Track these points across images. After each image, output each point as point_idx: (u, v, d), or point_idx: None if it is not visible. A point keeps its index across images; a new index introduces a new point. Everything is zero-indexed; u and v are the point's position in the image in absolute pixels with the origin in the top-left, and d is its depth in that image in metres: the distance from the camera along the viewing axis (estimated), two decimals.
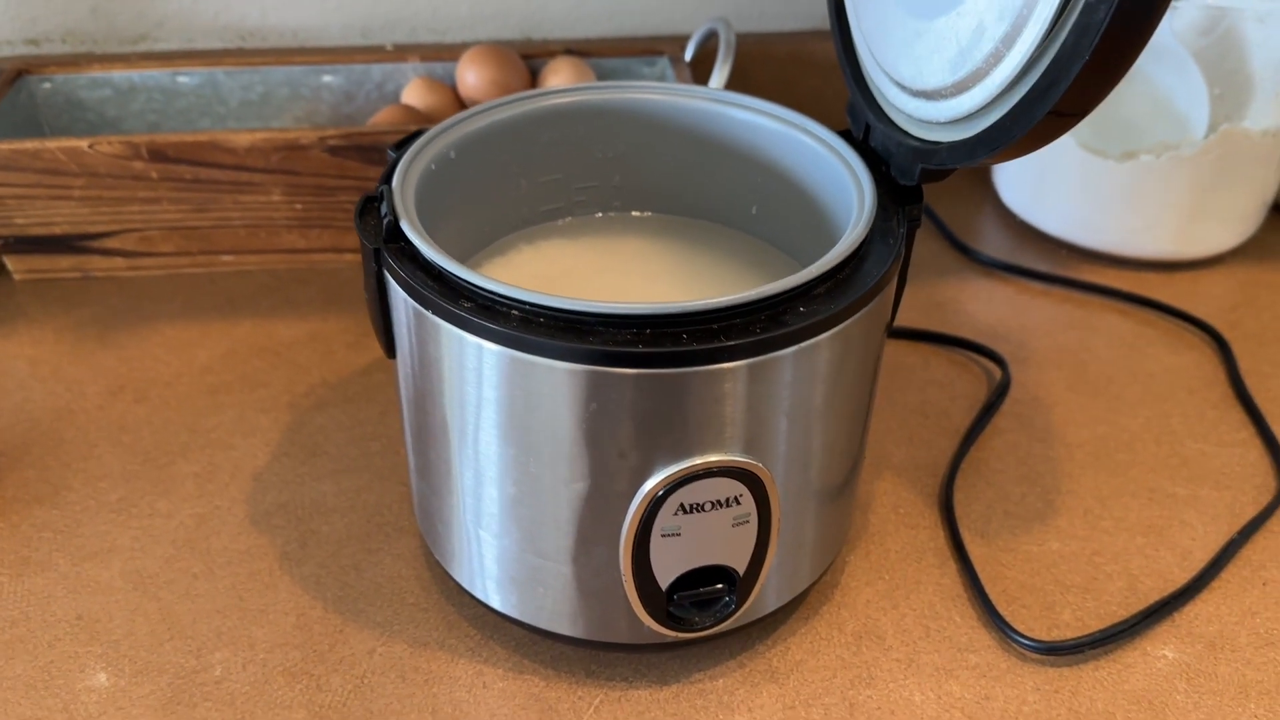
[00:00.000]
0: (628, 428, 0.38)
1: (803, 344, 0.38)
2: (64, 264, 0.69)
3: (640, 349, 0.36)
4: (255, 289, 0.69)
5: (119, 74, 0.73)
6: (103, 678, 0.45)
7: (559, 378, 0.37)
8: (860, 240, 0.40)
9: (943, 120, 0.40)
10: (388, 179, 0.43)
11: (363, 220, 0.42)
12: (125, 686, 0.45)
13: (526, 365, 0.37)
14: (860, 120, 0.46)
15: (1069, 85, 0.33)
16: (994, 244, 0.75)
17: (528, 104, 0.49)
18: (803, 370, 0.39)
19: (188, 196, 0.67)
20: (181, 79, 0.74)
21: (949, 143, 0.40)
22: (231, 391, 0.61)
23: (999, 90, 0.37)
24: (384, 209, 0.41)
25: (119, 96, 0.74)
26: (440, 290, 0.38)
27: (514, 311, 0.37)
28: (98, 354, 0.63)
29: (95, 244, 0.68)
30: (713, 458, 0.39)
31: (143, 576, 0.50)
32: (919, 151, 0.42)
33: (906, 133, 0.43)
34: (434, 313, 0.38)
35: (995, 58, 0.36)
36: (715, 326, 0.37)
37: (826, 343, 0.38)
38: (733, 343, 0.36)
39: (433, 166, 0.45)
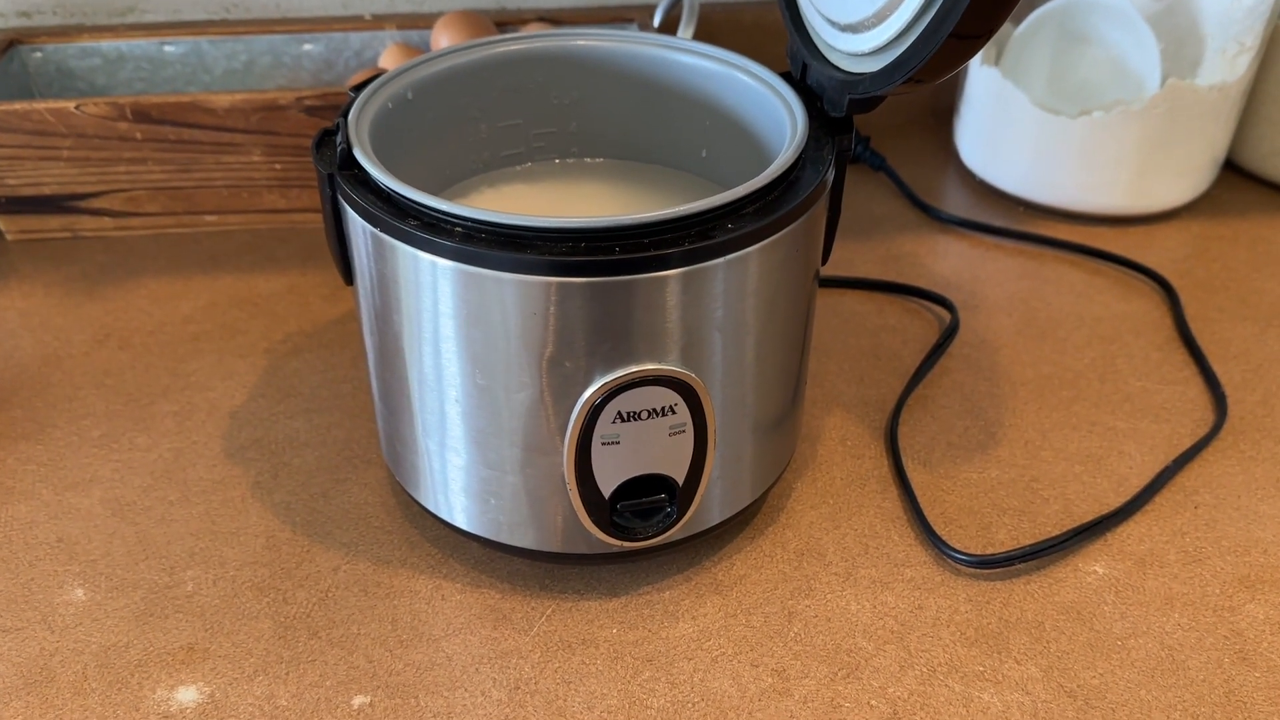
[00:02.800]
0: (566, 336, 0.40)
1: (730, 256, 0.40)
2: (54, 224, 0.72)
3: (575, 259, 0.38)
4: (237, 247, 0.71)
5: (107, 44, 0.76)
6: (80, 593, 0.48)
7: (500, 288, 0.39)
8: (789, 165, 0.42)
9: (866, 51, 0.43)
10: (345, 114, 0.45)
11: (319, 151, 0.44)
12: (101, 600, 0.47)
13: (469, 277, 0.39)
14: (798, 60, 0.49)
15: (965, 10, 0.36)
16: (953, 202, 0.77)
17: (485, 50, 0.51)
18: (732, 284, 0.41)
19: (171, 157, 0.69)
20: (168, 48, 0.77)
21: (872, 72, 0.42)
22: (211, 339, 0.63)
23: (911, 17, 0.39)
24: (339, 139, 0.43)
25: (108, 65, 0.77)
26: (390, 210, 0.41)
27: (457, 228, 0.40)
28: (85, 306, 0.66)
29: (84, 204, 0.71)
30: (648, 366, 0.41)
31: (121, 504, 0.52)
32: (846, 83, 0.44)
33: (837, 67, 0.46)
34: (384, 231, 0.41)
35: None
36: (647, 240, 0.39)
37: (755, 257, 0.41)
38: (662, 253, 0.39)
39: (389, 105, 0.47)
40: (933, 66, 0.38)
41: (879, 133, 0.83)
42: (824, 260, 0.48)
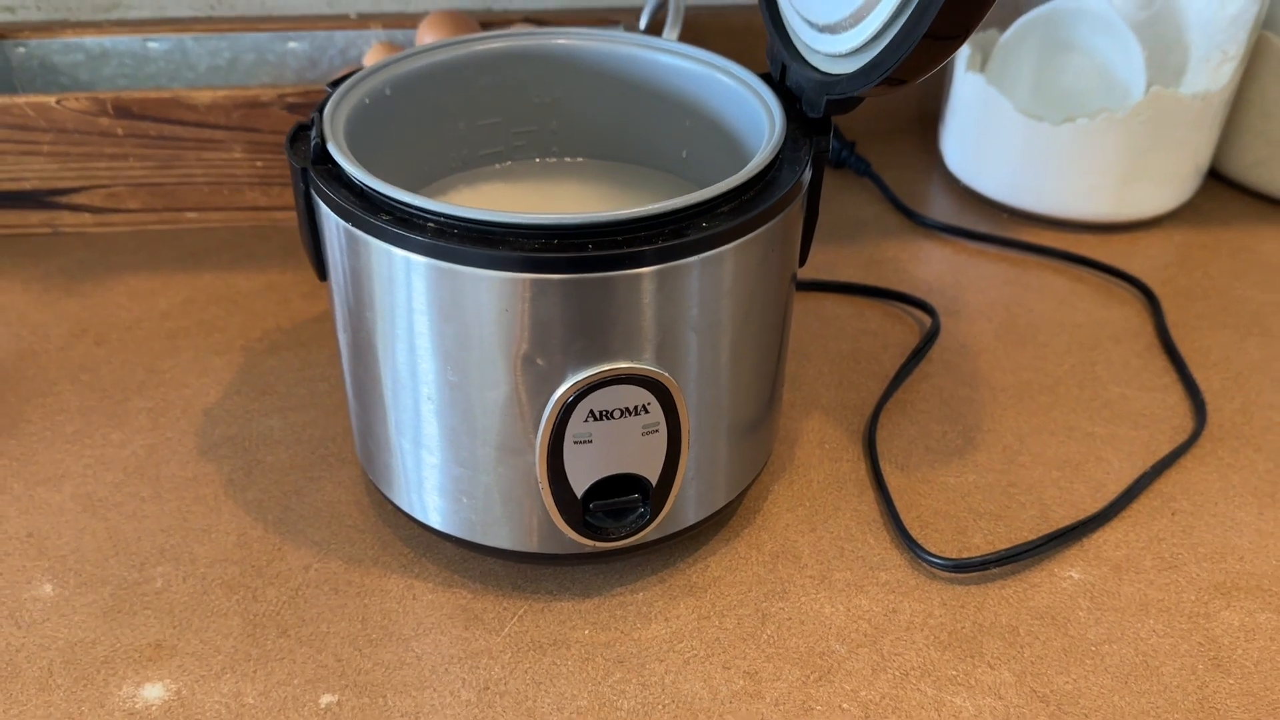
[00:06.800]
0: (538, 333, 0.40)
1: (705, 255, 0.40)
2: (34, 220, 0.71)
3: (548, 255, 0.38)
4: (218, 244, 0.71)
5: (91, 39, 0.76)
6: (48, 588, 0.47)
7: (473, 285, 0.39)
8: (765, 165, 0.42)
9: (844, 51, 0.43)
10: (321, 110, 0.45)
11: (293, 146, 0.44)
12: (69, 596, 0.47)
13: (441, 273, 0.39)
14: (777, 61, 0.49)
15: (940, 10, 0.35)
16: (937, 208, 0.77)
17: (465, 47, 0.51)
18: (707, 283, 0.41)
19: (152, 153, 0.69)
20: (151, 45, 0.77)
21: (849, 73, 0.42)
22: (189, 336, 0.63)
23: (887, 18, 0.39)
24: (314, 134, 0.43)
25: (91, 61, 0.77)
26: (363, 206, 0.41)
27: (430, 223, 0.39)
28: (62, 302, 0.66)
29: (64, 199, 0.71)
30: (621, 365, 0.41)
31: (93, 499, 0.52)
32: (824, 84, 0.44)
33: (815, 68, 0.45)
34: (357, 227, 0.41)
35: None
36: (620, 238, 0.39)
37: (730, 257, 0.41)
38: (636, 250, 0.38)
39: (366, 100, 0.47)
40: (909, 67, 0.38)
41: (865, 138, 0.83)
42: (802, 262, 0.48)
